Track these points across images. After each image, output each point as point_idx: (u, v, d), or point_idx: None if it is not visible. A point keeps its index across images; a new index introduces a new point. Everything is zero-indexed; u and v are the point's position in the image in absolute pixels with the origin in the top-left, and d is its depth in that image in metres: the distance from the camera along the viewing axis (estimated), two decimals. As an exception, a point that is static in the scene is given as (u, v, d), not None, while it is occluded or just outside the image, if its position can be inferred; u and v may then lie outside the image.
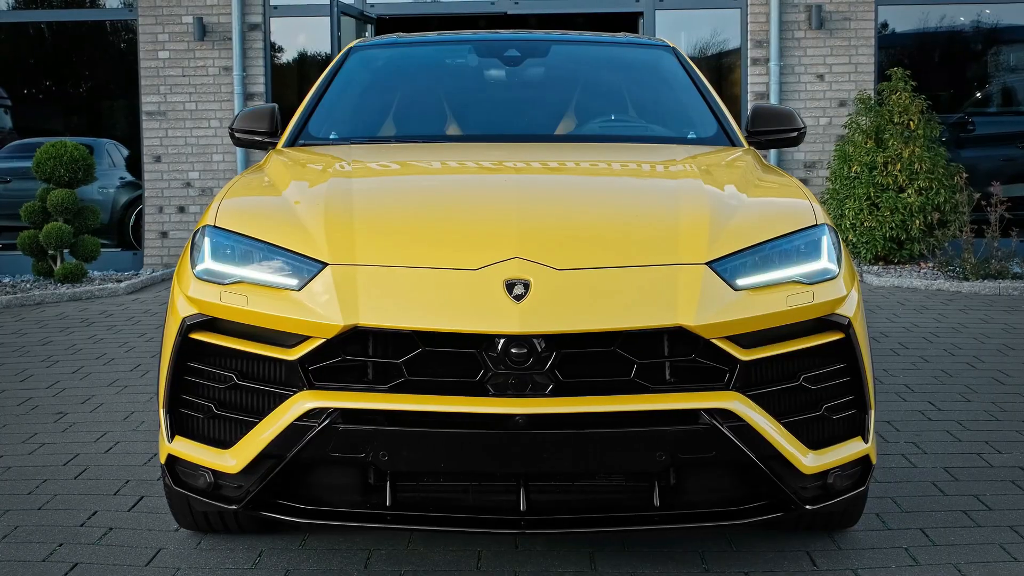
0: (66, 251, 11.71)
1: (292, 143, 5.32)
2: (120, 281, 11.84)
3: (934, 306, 9.92)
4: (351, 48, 6.03)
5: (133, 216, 14.13)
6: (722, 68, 13.55)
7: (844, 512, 4.30)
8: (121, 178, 14.41)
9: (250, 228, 3.94)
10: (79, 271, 11.57)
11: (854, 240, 12.03)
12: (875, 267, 11.96)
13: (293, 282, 3.73)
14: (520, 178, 4.52)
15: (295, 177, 4.52)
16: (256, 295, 3.75)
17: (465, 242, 3.78)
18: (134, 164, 13.99)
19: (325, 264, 3.72)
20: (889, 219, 11.75)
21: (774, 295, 3.75)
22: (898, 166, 11.78)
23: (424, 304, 3.59)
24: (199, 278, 3.89)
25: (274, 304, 3.71)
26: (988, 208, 11.44)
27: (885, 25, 13.60)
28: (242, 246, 3.89)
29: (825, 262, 3.90)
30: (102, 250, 12.14)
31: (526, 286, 3.57)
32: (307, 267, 3.74)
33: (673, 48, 6.02)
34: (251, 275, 3.81)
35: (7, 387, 7.20)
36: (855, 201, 11.92)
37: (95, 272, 12.45)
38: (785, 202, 4.28)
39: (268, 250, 3.84)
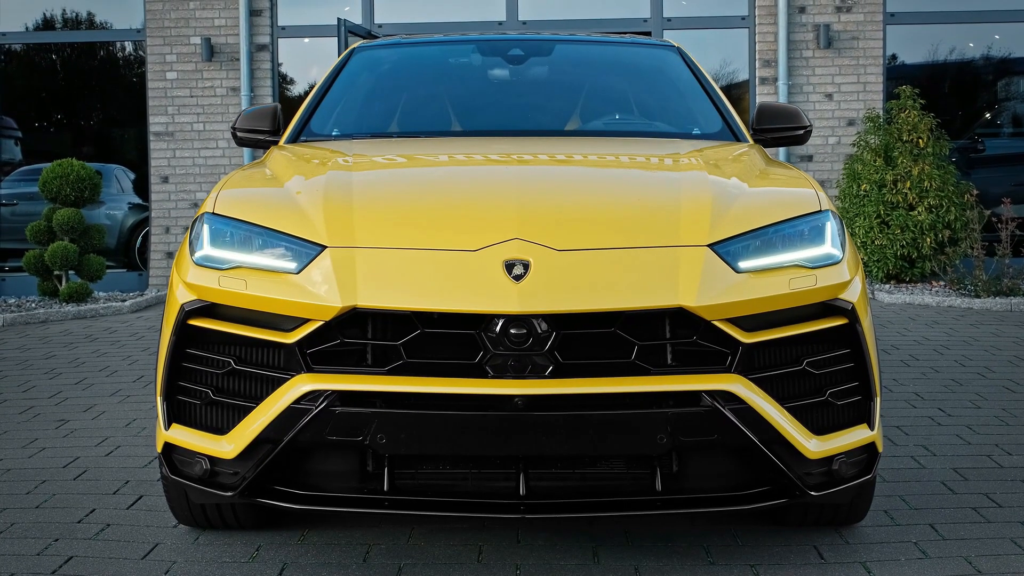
0: (71, 271, 11.68)
1: (294, 140, 5.29)
2: (125, 300, 11.83)
3: (945, 321, 9.85)
4: (355, 48, 6.00)
5: (140, 238, 14.13)
6: (731, 89, 13.53)
7: (851, 506, 4.23)
8: (129, 203, 14.43)
9: (248, 214, 3.91)
10: (84, 290, 11.53)
11: (865, 259, 11.96)
12: (887, 285, 11.88)
13: (292, 266, 3.69)
14: (522, 166, 4.48)
15: (295, 168, 4.49)
16: (255, 279, 3.71)
17: (464, 224, 3.74)
18: (141, 186, 14.01)
19: (324, 247, 3.68)
20: (900, 237, 11.68)
21: (776, 278, 3.69)
22: (907, 184, 11.73)
23: (423, 285, 3.55)
24: (198, 264, 3.85)
25: (273, 287, 3.67)
26: (1000, 225, 11.39)
27: (894, 57, 13.58)
28: (241, 232, 3.85)
29: (828, 247, 3.85)
30: (108, 271, 12.10)
31: (526, 266, 3.52)
32: (306, 251, 3.70)
33: (678, 48, 5.98)
34: (250, 260, 3.77)
35: (9, 397, 7.16)
36: (865, 219, 11.87)
37: (100, 292, 12.43)
38: (790, 189, 4.23)
39: (267, 235, 3.80)
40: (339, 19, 12.51)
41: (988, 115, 14.41)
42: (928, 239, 11.67)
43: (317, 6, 13.64)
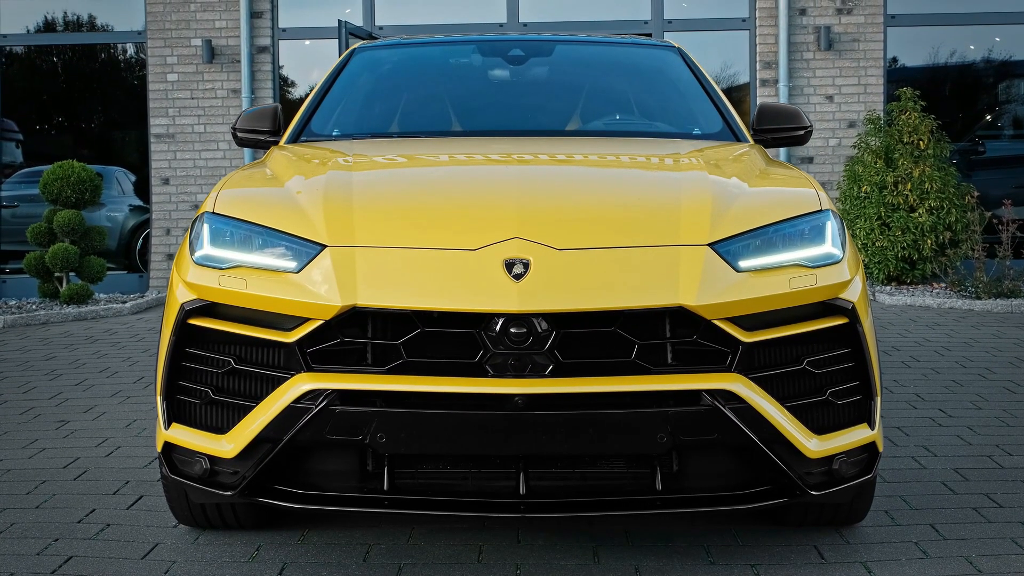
0: (72, 273, 11.67)
1: (294, 140, 5.29)
2: (125, 302, 11.83)
3: (946, 323, 9.85)
4: (355, 49, 6.00)
5: (140, 240, 14.13)
6: (731, 91, 13.53)
7: (851, 506, 4.23)
8: (129, 205, 14.44)
9: (249, 214, 3.91)
10: (85, 292, 11.52)
11: (866, 260, 11.94)
12: (887, 287, 11.87)
13: (292, 265, 3.68)
14: (522, 166, 4.48)
15: (295, 168, 4.49)
16: (255, 278, 3.71)
17: (464, 223, 3.74)
18: (142, 188, 14.00)
19: (324, 246, 3.68)
20: (900, 239, 11.67)
21: (776, 277, 3.69)
22: (908, 185, 11.72)
23: (423, 284, 3.55)
24: (198, 263, 3.85)
25: (273, 287, 3.66)
26: (1000, 227, 11.39)
27: (895, 59, 13.58)
28: (241, 231, 3.85)
29: (829, 247, 3.84)
30: (108, 273, 12.09)
31: (526, 265, 3.52)
32: (306, 250, 3.70)
33: (678, 48, 5.97)
34: (250, 259, 3.77)
35: (10, 398, 7.15)
36: (866, 221, 11.85)
37: (100, 294, 12.42)
38: (790, 189, 4.23)
39: (267, 234, 3.80)
40: (340, 21, 12.51)
41: (989, 117, 14.40)
42: (929, 241, 11.66)
43: (318, 8, 13.65)
